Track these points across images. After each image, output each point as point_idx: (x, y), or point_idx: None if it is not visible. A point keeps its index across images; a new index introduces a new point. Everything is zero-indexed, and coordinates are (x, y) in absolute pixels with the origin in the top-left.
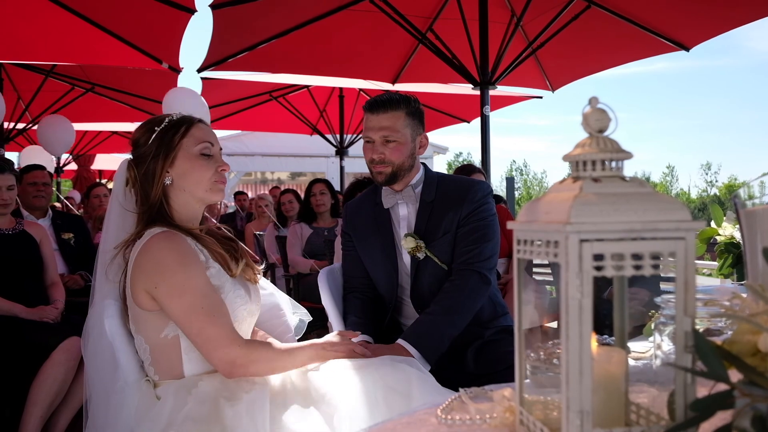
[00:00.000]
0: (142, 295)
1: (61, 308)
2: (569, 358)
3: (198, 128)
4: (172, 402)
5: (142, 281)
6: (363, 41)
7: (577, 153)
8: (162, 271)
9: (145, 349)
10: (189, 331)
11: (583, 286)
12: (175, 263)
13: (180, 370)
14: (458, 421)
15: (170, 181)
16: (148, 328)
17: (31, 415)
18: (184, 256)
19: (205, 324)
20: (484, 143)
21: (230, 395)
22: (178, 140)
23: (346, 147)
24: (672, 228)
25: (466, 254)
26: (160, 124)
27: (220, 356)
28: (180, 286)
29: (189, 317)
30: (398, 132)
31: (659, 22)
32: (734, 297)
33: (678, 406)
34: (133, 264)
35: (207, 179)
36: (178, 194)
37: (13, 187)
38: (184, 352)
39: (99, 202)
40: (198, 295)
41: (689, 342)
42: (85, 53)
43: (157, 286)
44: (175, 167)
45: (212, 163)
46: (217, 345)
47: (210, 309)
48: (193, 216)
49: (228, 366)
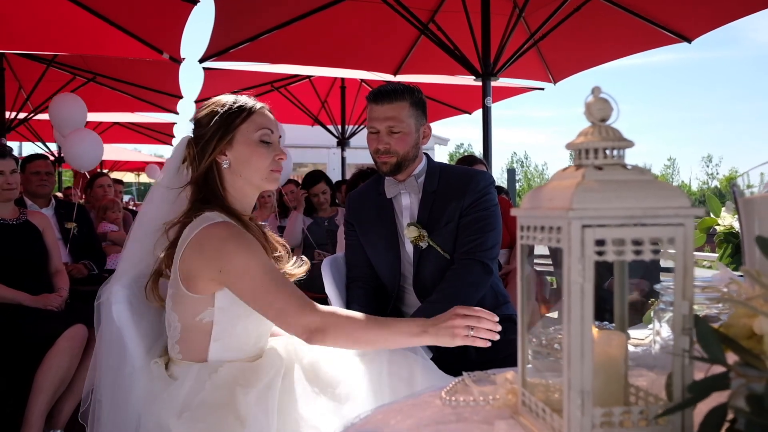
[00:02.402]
0: (201, 281)
1: (65, 296)
2: (571, 341)
3: (260, 114)
4: (189, 385)
5: (204, 269)
6: (365, 32)
7: (579, 141)
8: (224, 255)
9: (176, 327)
10: (260, 307)
11: (585, 271)
12: (236, 246)
13: (205, 354)
14: (462, 402)
15: (227, 165)
16: (186, 309)
17: (36, 403)
18: (242, 238)
19: (274, 297)
20: (485, 135)
21: (247, 383)
22: (238, 124)
23: (348, 138)
24: (671, 214)
25: (469, 244)
26: (223, 107)
27: (294, 324)
28: (244, 266)
29: (257, 294)
30: (403, 122)
31: (661, 14)
32: (731, 283)
33: (675, 387)
34: (188, 248)
35: (264, 167)
36: (234, 179)
37: (15, 171)
38: (213, 338)
39: (103, 191)
40: (261, 272)
41: (687, 325)
42: (87, 43)
43: (222, 269)
44: (233, 150)
45: (270, 151)
46: (288, 314)
47: (275, 282)
48: (246, 203)
49: (304, 333)
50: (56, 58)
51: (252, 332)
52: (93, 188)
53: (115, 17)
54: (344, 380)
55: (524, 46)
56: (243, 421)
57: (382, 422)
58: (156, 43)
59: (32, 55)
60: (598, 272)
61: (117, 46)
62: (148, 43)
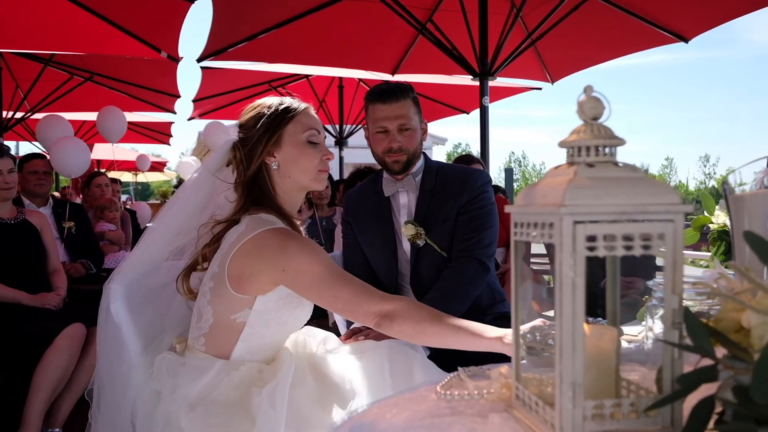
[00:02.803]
0: (255, 282)
1: (63, 295)
2: (563, 334)
3: (306, 115)
4: (208, 380)
5: (263, 271)
6: (363, 32)
7: (572, 139)
8: (286, 255)
9: (208, 320)
10: (326, 300)
11: (576, 266)
12: (297, 247)
13: (228, 352)
14: (457, 396)
15: (276, 166)
16: (224, 307)
17: (35, 401)
18: (302, 240)
19: (340, 288)
20: (483, 134)
21: (263, 383)
22: (285, 125)
23: (346, 137)
24: (662, 211)
25: (466, 242)
26: (269, 108)
27: (363, 311)
28: (308, 262)
29: (321, 287)
30: (411, 119)
31: (658, 14)
32: (720, 278)
33: (665, 380)
34: (243, 250)
35: (313, 167)
36: (284, 180)
37: (13, 170)
38: (242, 339)
39: (101, 191)
40: (324, 266)
41: (676, 319)
42: (84, 42)
43: (285, 268)
44: (281, 152)
45: (318, 151)
46: (356, 302)
47: (340, 273)
48: (294, 203)
49: (373, 318)
50: (53, 57)
51: (279, 340)
52: (90, 188)
53: (112, 16)
54: (350, 378)
55: (522, 46)
56: (253, 419)
57: (379, 416)
58: (154, 41)
59: (29, 54)
60: (594, 271)
61: (115, 45)
62: (146, 42)
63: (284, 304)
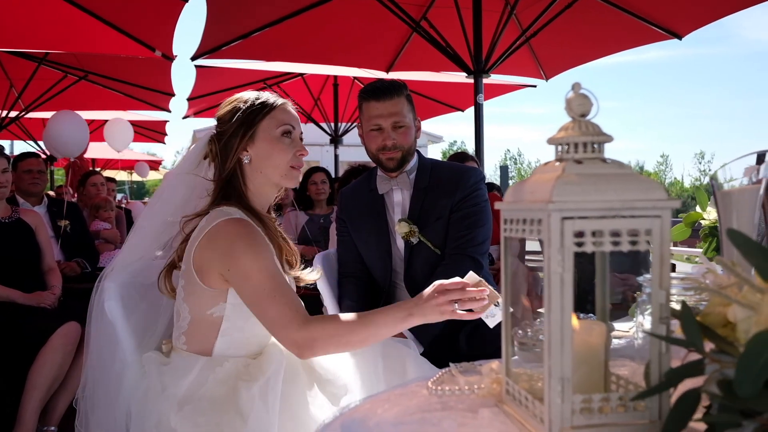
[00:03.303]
0: (212, 275)
1: (58, 294)
2: (551, 329)
3: (281, 110)
4: (192, 377)
5: (215, 263)
6: (357, 29)
7: (560, 136)
8: (233, 254)
9: (186, 318)
10: (257, 313)
11: (564, 262)
12: (245, 246)
13: (210, 348)
14: (448, 391)
15: (248, 160)
16: (199, 302)
17: (30, 399)
18: (254, 239)
19: (268, 305)
20: (477, 132)
21: (249, 377)
22: (260, 119)
23: (341, 135)
24: (649, 206)
25: (459, 239)
26: (245, 103)
27: (283, 338)
28: (249, 269)
29: (255, 299)
30: (405, 117)
31: (651, 11)
32: (708, 273)
33: (653, 374)
34: (202, 242)
35: (284, 163)
36: (255, 176)
37: (7, 170)
38: (221, 334)
39: (96, 190)
40: (264, 277)
41: (664, 313)
42: (78, 41)
43: (230, 268)
44: (255, 147)
45: (291, 147)
46: (278, 326)
47: (273, 290)
48: (265, 200)
49: (294, 348)
50: (48, 56)
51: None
52: (85, 186)
53: (106, 15)
54: (342, 375)
55: (516, 43)
56: (244, 416)
57: (370, 411)
58: (148, 40)
59: (23, 53)
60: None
61: (109, 44)
62: (141, 41)
63: None
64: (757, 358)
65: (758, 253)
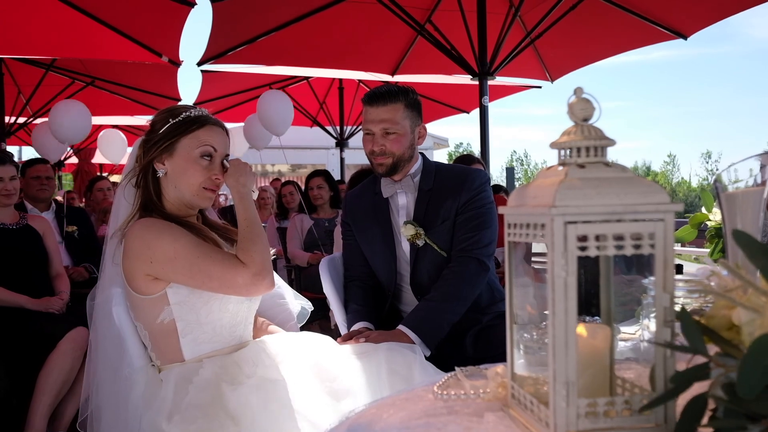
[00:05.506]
0: (142, 279)
1: (66, 299)
2: (555, 333)
3: (207, 130)
4: (173, 388)
5: (137, 265)
6: (362, 33)
7: (563, 140)
8: (149, 246)
9: (145, 335)
10: (201, 282)
11: (568, 266)
12: (157, 233)
13: (180, 354)
14: (453, 395)
15: (163, 173)
16: (145, 314)
17: (39, 404)
18: (162, 227)
19: (206, 268)
20: (483, 134)
21: (231, 378)
22: (182, 136)
23: (347, 138)
24: (652, 210)
25: (465, 241)
26: (176, 117)
27: (238, 284)
28: (168, 250)
29: (191, 272)
30: (398, 124)
31: (657, 11)
32: (713, 275)
33: (658, 378)
34: (123, 250)
35: (197, 183)
36: (169, 190)
37: (15, 178)
38: (181, 335)
39: (103, 195)
40: (187, 250)
41: (668, 317)
42: (86, 47)
43: (152, 261)
44: (172, 161)
45: (207, 170)
46: (228, 281)
47: (203, 254)
48: (184, 212)
49: (251, 287)
50: (55, 62)
51: (221, 319)
52: (93, 192)
53: (113, 21)
54: (342, 376)
55: (521, 45)
56: (235, 418)
57: (376, 416)
58: (155, 46)
59: (31, 60)
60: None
61: (116, 50)
62: (147, 47)
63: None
64: (760, 360)
65: (763, 255)
